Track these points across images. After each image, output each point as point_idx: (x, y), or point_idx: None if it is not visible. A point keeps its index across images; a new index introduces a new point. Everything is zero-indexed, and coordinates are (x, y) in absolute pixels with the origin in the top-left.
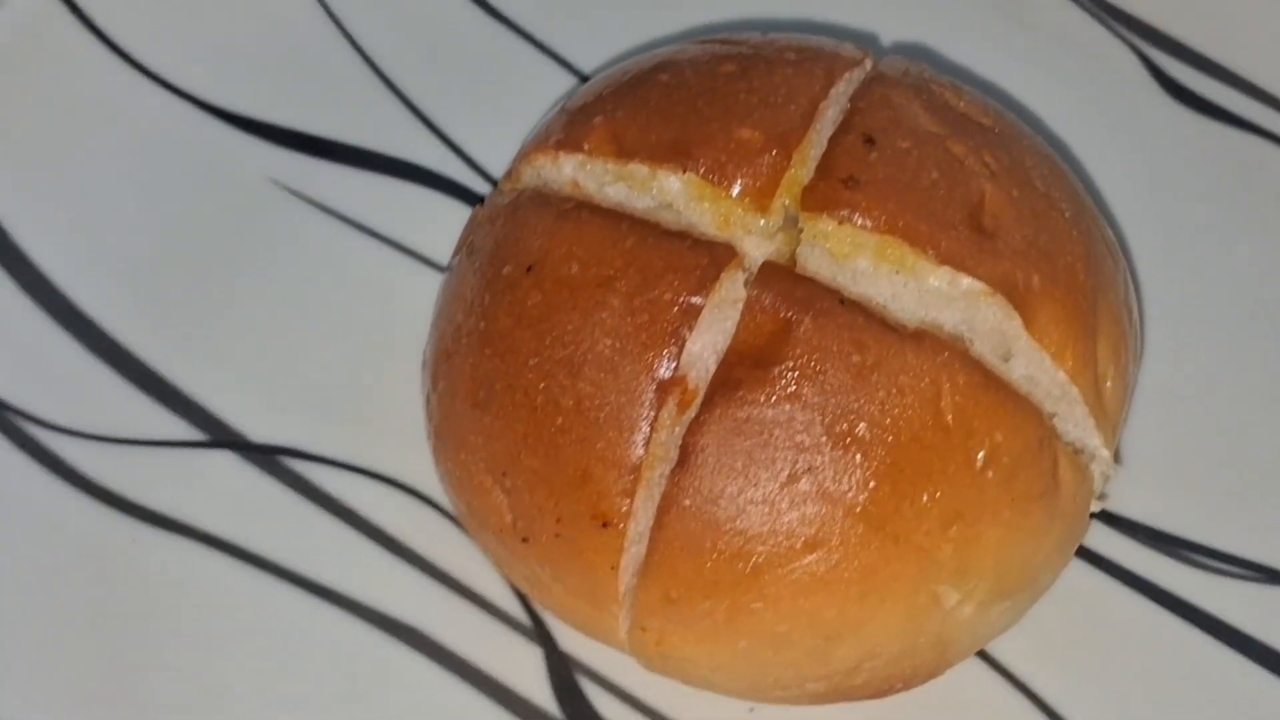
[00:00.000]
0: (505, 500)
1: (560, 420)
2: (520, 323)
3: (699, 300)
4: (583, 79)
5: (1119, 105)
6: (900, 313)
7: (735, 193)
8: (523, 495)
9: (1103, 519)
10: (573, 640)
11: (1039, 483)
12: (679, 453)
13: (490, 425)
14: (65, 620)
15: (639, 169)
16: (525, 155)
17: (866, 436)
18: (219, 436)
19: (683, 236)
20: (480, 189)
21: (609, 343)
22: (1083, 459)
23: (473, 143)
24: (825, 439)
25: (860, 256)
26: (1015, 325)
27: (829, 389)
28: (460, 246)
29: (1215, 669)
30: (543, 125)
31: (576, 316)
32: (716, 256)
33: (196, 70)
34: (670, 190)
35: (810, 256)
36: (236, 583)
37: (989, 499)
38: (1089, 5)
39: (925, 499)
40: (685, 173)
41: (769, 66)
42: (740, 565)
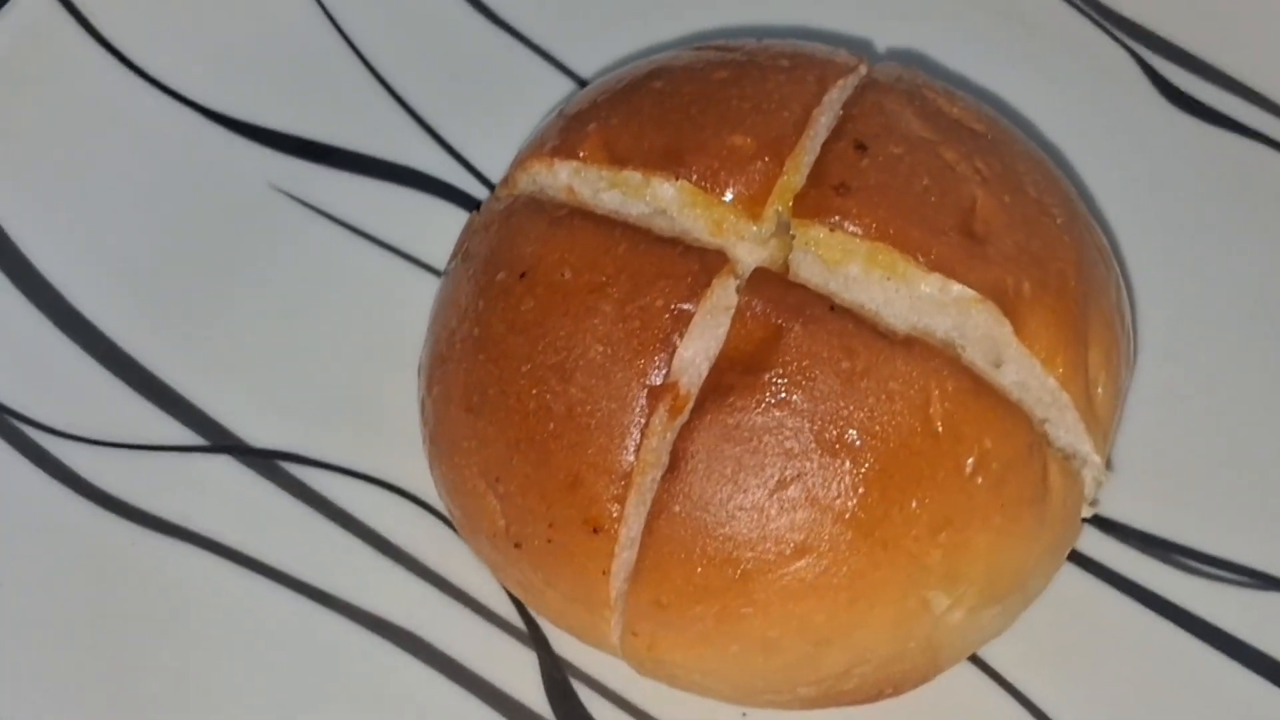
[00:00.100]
0: (498, 505)
1: (552, 426)
2: (513, 328)
3: (690, 307)
4: (582, 84)
5: (1116, 109)
6: (892, 319)
7: (728, 199)
8: (515, 500)
9: (1095, 524)
10: (566, 644)
11: (1029, 488)
12: (670, 458)
13: (483, 430)
14: (64, 623)
15: (633, 176)
16: (521, 162)
17: (856, 443)
18: (218, 441)
19: (675, 243)
20: (480, 194)
21: (601, 349)
22: (1074, 465)
23: (472, 148)
24: (814, 445)
25: (852, 263)
26: (1006, 332)
27: (818, 395)
28: (456, 252)
29: (1207, 674)
30: (539, 132)
31: (569, 322)
32: (708, 263)
33: (197, 75)
34: (664, 197)
35: (802, 263)
36: (234, 586)
37: (978, 505)
38: (1086, 9)
39: (914, 505)
40: (678, 180)
41: (762, 73)
42: (730, 570)
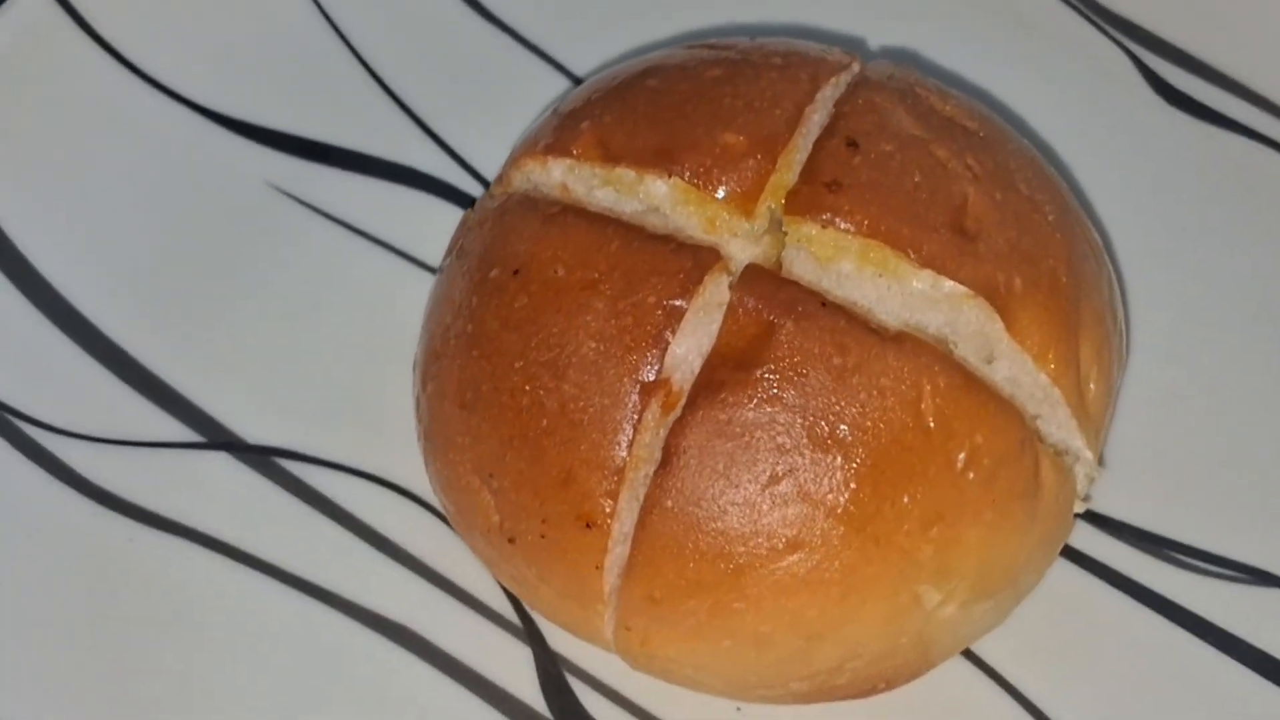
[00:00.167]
0: (492, 501)
1: (545, 422)
2: (507, 325)
3: (682, 303)
4: (577, 82)
5: (1112, 108)
6: (884, 315)
7: (721, 197)
8: (509, 496)
9: (1088, 519)
10: (561, 639)
11: (1021, 484)
12: (662, 454)
13: (477, 426)
14: (63, 620)
15: (626, 173)
16: (515, 160)
17: (847, 438)
18: (215, 438)
19: (667, 240)
20: (476, 192)
21: (593, 345)
22: (1066, 460)
23: (469, 147)
24: (806, 441)
25: (844, 260)
26: (997, 328)
27: (810, 391)
28: (450, 249)
29: (1201, 669)
30: (533, 130)
31: (561, 319)
32: (700, 260)
33: (195, 75)
34: (657, 194)
35: (795, 260)
36: (232, 582)
37: (970, 500)
38: (1081, 8)
39: (906, 500)
40: (671, 177)
41: (755, 71)
42: (722, 565)
